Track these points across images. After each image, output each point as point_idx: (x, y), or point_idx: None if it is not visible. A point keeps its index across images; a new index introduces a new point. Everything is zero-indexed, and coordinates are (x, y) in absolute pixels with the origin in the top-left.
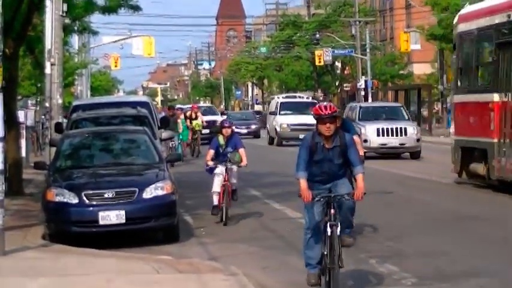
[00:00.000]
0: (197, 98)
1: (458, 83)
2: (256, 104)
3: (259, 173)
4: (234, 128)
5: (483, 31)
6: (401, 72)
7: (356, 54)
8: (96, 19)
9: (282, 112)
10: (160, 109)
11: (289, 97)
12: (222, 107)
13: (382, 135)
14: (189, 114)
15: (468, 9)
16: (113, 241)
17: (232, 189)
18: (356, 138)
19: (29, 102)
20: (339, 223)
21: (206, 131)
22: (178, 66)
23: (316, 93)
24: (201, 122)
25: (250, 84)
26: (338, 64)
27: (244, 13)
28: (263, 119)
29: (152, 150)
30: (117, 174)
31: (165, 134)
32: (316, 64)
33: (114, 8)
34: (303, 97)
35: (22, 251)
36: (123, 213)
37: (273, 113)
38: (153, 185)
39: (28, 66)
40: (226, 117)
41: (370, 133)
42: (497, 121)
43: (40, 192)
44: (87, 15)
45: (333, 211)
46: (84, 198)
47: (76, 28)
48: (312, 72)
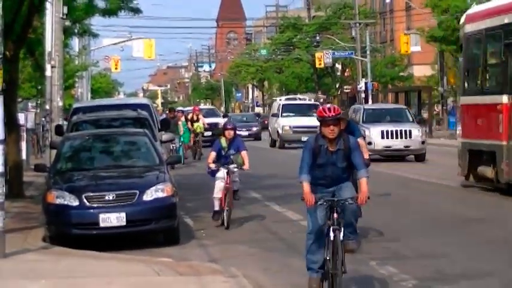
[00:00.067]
0: (197, 100)
1: (466, 84)
2: (257, 106)
3: (260, 175)
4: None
5: (491, 31)
6: (401, 74)
7: (356, 56)
8: (96, 21)
9: (284, 114)
10: (160, 111)
11: (290, 99)
12: (222, 109)
13: (387, 137)
14: (190, 116)
15: (475, 9)
16: (114, 243)
17: (234, 189)
18: (361, 141)
19: (30, 104)
20: (342, 228)
21: (208, 133)
22: (178, 69)
23: (318, 95)
24: (203, 124)
25: (250, 86)
26: (338, 66)
27: (244, 15)
28: (262, 121)
29: (152, 153)
30: (118, 177)
31: (166, 136)
32: (317, 66)
33: (114, 10)
34: (305, 99)
35: (23, 254)
36: (123, 215)
37: (275, 115)
38: (154, 187)
39: (28, 68)
40: (227, 119)
41: (375, 135)
42: (506, 123)
43: (40, 194)
44: (87, 17)
45: (336, 215)
46: (84, 200)
47: (76, 30)
48: (312, 74)
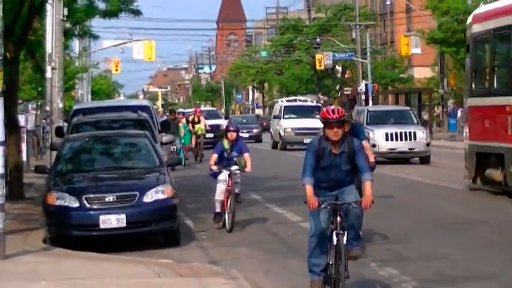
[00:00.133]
0: (198, 101)
1: (473, 85)
2: (257, 107)
3: (261, 177)
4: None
5: (499, 31)
6: (401, 75)
7: (356, 58)
8: (96, 23)
9: (286, 116)
10: (161, 113)
11: (290, 101)
12: (222, 110)
13: (391, 139)
14: (191, 118)
15: (483, 9)
16: (114, 245)
17: (236, 192)
18: (365, 143)
19: (30, 106)
20: (345, 232)
21: (210, 135)
22: (179, 70)
23: (319, 97)
24: (204, 126)
25: (250, 88)
26: (338, 68)
27: (244, 17)
28: (261, 123)
29: (153, 154)
30: (118, 178)
31: (166, 137)
32: (317, 68)
33: (114, 12)
34: (307, 100)
35: (23, 255)
36: (123, 217)
37: (277, 117)
38: (154, 189)
39: (29, 70)
40: (228, 121)
41: (379, 138)
42: None
43: (41, 196)
44: (87, 19)
45: (339, 219)
46: (85, 202)
47: (77, 32)
48: (312, 76)
